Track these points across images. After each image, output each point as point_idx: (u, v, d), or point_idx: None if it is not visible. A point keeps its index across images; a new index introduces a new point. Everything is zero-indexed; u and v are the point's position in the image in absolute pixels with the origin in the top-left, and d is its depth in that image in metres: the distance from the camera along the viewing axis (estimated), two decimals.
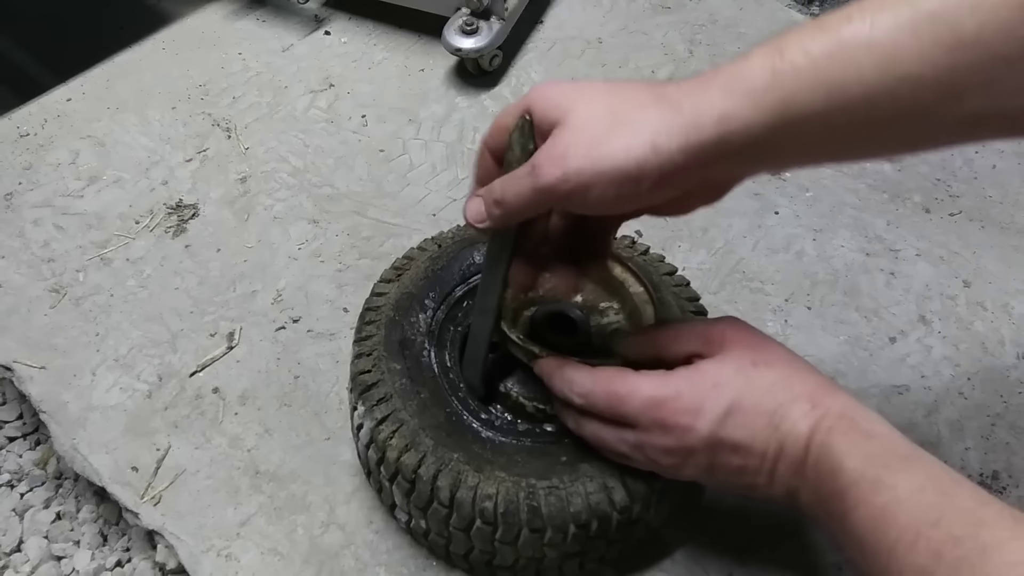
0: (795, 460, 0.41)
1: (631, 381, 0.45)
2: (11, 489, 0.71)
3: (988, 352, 0.71)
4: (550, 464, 0.51)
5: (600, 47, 0.99)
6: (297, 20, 1.02)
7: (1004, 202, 0.84)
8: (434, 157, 0.86)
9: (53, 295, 0.73)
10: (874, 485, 0.37)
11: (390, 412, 0.53)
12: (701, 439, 0.43)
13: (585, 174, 0.39)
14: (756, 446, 0.42)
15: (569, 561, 0.53)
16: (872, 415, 0.41)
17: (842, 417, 0.41)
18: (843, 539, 0.39)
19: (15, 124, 0.88)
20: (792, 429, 0.41)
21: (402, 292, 0.60)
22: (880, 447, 0.39)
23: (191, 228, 0.79)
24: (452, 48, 0.89)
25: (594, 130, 0.39)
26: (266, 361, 0.69)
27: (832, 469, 0.39)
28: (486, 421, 0.54)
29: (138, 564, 0.66)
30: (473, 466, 0.50)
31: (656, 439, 0.45)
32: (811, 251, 0.79)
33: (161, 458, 0.63)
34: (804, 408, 0.42)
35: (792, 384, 0.43)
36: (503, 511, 0.49)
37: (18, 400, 0.76)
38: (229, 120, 0.89)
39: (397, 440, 0.51)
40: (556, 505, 0.49)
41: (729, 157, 0.38)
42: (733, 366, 0.44)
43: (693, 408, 0.43)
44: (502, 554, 0.51)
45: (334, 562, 0.58)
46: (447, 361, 0.58)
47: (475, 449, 0.52)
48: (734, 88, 0.37)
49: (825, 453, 0.40)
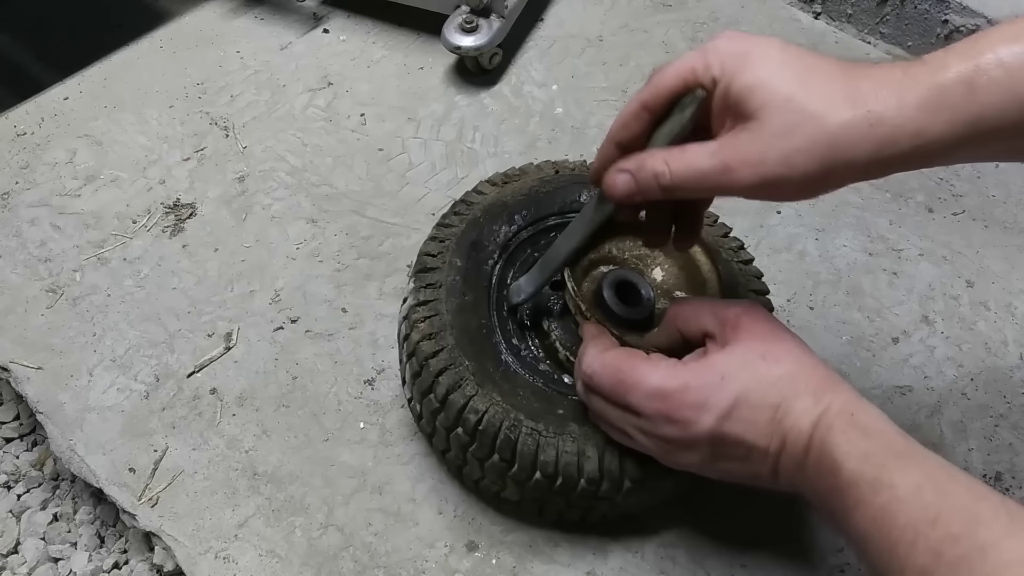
0: (796, 457, 0.42)
1: (639, 369, 0.46)
2: (8, 490, 0.71)
3: (991, 352, 0.71)
4: (546, 410, 0.52)
5: (601, 45, 0.99)
6: (295, 18, 1.01)
7: (1007, 202, 0.83)
8: (433, 156, 0.86)
9: (50, 295, 0.73)
10: (873, 485, 0.37)
11: (431, 299, 0.56)
12: (704, 432, 0.43)
13: (779, 182, 0.39)
14: (759, 440, 0.43)
15: (528, 502, 0.55)
16: (872, 410, 0.41)
17: (842, 413, 0.41)
18: (846, 536, 0.40)
19: (12, 123, 0.88)
20: (794, 425, 0.41)
21: (499, 199, 0.62)
22: (877, 445, 0.39)
23: (188, 228, 0.78)
24: (452, 46, 0.88)
25: (793, 139, 0.38)
26: (264, 362, 0.68)
27: (831, 468, 0.39)
28: (513, 346, 0.56)
29: (135, 566, 0.65)
30: (477, 379, 0.52)
31: (660, 428, 0.45)
32: (813, 251, 0.78)
33: (159, 459, 0.63)
34: (807, 404, 0.42)
35: (797, 380, 0.43)
36: (482, 429, 0.51)
37: (15, 401, 0.75)
38: (227, 119, 0.89)
39: (425, 326, 0.55)
40: (530, 447, 0.51)
41: (913, 164, 0.38)
42: (741, 359, 0.44)
43: (698, 402, 0.43)
44: (471, 466, 0.55)
45: (332, 564, 0.57)
46: (507, 278, 0.59)
47: (488, 365, 0.54)
48: (931, 102, 0.37)
49: (825, 451, 0.40)
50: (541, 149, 0.86)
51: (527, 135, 0.88)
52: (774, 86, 0.39)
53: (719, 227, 0.65)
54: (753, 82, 0.39)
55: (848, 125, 0.37)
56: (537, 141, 0.87)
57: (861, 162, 0.38)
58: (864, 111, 0.37)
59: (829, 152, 0.38)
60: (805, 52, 0.40)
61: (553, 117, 0.90)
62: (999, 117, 0.36)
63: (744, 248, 0.64)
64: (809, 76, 0.39)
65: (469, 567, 0.57)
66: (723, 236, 0.64)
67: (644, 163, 0.43)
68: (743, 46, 0.40)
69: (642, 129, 0.44)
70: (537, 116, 0.90)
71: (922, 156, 0.38)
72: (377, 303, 0.73)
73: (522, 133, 0.88)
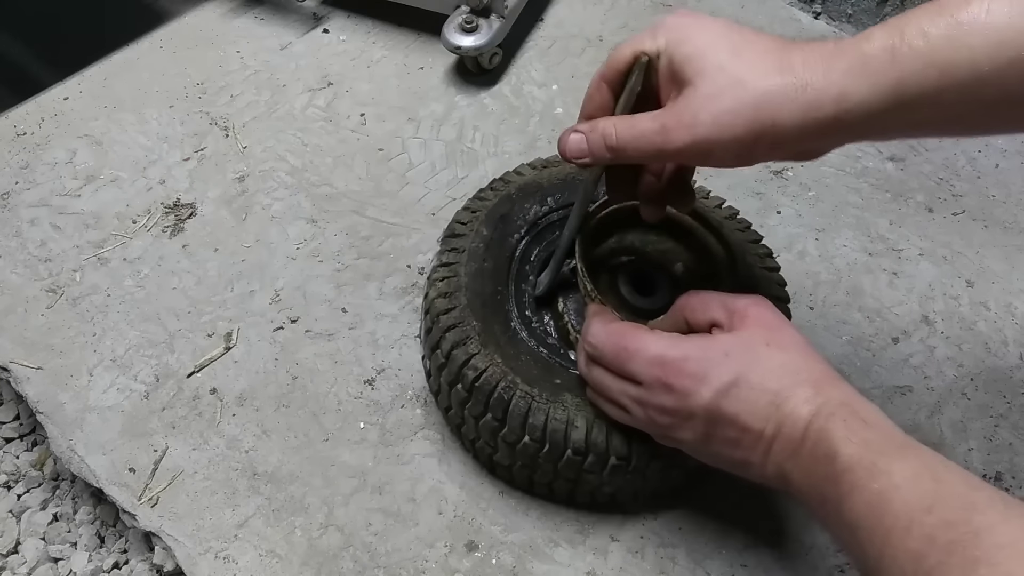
0: (791, 443, 0.42)
1: (641, 338, 0.47)
2: (8, 490, 0.71)
3: (991, 352, 0.71)
4: (543, 378, 0.54)
5: (601, 45, 0.99)
6: (295, 18, 1.01)
7: (1007, 201, 0.83)
8: (433, 156, 0.86)
9: (50, 295, 0.73)
10: (870, 471, 0.37)
11: (452, 262, 0.59)
12: (701, 405, 0.44)
13: (711, 142, 0.41)
14: (754, 423, 0.43)
15: (519, 469, 0.57)
16: (872, 406, 0.42)
17: (843, 405, 0.41)
18: (835, 525, 0.40)
19: (12, 123, 0.88)
20: (792, 412, 0.42)
21: (535, 180, 0.64)
22: (878, 435, 0.39)
23: (188, 228, 0.78)
24: (452, 46, 0.88)
25: (723, 100, 0.41)
26: (264, 362, 0.68)
27: (828, 454, 0.39)
28: (525, 317, 0.58)
29: (135, 566, 0.65)
30: (481, 340, 0.55)
31: (657, 397, 0.46)
32: (813, 251, 0.78)
33: (159, 459, 0.63)
34: (807, 393, 0.42)
35: (799, 369, 0.43)
36: (478, 386, 0.54)
37: (15, 401, 0.75)
38: (227, 119, 0.89)
39: (442, 285, 0.58)
40: (520, 408, 0.53)
41: (842, 132, 0.41)
42: (746, 342, 0.45)
43: (698, 373, 0.44)
44: (468, 425, 0.57)
45: (332, 564, 0.57)
46: (531, 254, 0.61)
47: (495, 329, 0.56)
48: (855, 68, 0.39)
49: (823, 438, 0.40)
50: (541, 149, 0.86)
51: (527, 135, 0.88)
52: (709, 55, 0.42)
53: (751, 233, 0.65)
54: (691, 52, 0.42)
55: (775, 88, 0.40)
56: (537, 141, 0.87)
57: (788, 126, 0.40)
58: (792, 78, 0.40)
59: (755, 114, 0.40)
60: (747, 30, 0.43)
61: (553, 117, 0.90)
62: (919, 83, 0.38)
63: (772, 256, 0.64)
64: (744, 48, 0.42)
65: (469, 567, 0.57)
66: (752, 242, 0.64)
67: (596, 125, 0.46)
68: (687, 20, 0.44)
69: (603, 101, 0.47)
70: (537, 116, 0.90)
71: (851, 123, 0.40)
72: (377, 303, 0.73)
73: (522, 133, 0.88)
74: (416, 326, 0.71)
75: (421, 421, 0.65)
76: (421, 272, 0.75)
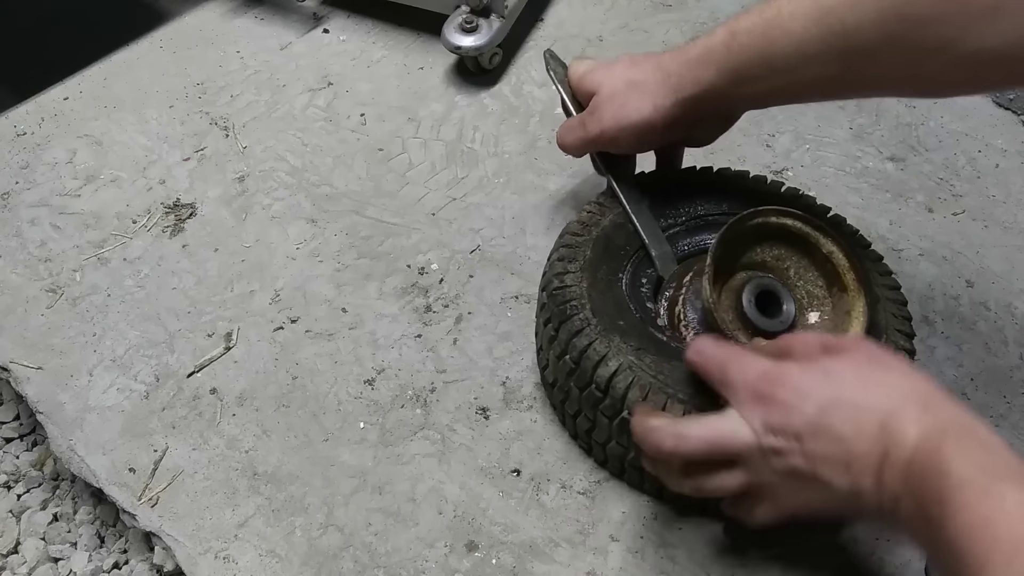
0: (901, 465, 0.40)
1: (747, 356, 0.47)
2: (8, 490, 0.71)
3: (991, 352, 0.71)
4: (640, 345, 0.55)
5: (601, 45, 0.99)
6: (295, 18, 1.01)
7: (1007, 201, 0.83)
8: (433, 156, 0.86)
9: (50, 295, 0.73)
10: (982, 493, 0.36)
11: (577, 233, 0.62)
12: (805, 420, 0.42)
13: (614, 130, 0.59)
14: (860, 443, 0.41)
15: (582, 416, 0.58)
16: (987, 428, 0.40)
17: (955, 423, 0.40)
18: (936, 547, 0.37)
19: (12, 123, 0.88)
20: (901, 430, 0.40)
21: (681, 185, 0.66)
22: (996, 459, 0.38)
23: (188, 228, 0.78)
24: (452, 46, 0.88)
25: (617, 99, 0.58)
26: (264, 362, 0.68)
27: (940, 472, 0.37)
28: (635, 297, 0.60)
29: (135, 566, 0.65)
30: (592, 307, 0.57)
31: (758, 414, 0.44)
32: None
33: (159, 459, 0.63)
34: (916, 412, 0.40)
35: (905, 388, 0.42)
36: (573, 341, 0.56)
37: (15, 401, 0.75)
38: (227, 119, 0.89)
39: (564, 250, 0.61)
40: (593, 359, 0.54)
41: (706, 104, 0.56)
42: (847, 363, 0.44)
43: (800, 389, 0.43)
44: (554, 367, 0.60)
45: (332, 564, 0.57)
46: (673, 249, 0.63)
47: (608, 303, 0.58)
48: (702, 59, 0.54)
49: (935, 457, 0.38)
50: (541, 149, 0.86)
51: (527, 135, 0.88)
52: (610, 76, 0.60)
53: (883, 265, 0.63)
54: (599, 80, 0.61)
55: (652, 81, 0.57)
56: (537, 141, 0.87)
57: (666, 106, 0.56)
58: (662, 73, 0.57)
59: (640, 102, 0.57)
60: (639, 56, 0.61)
61: (553, 117, 0.90)
62: (750, 67, 0.52)
63: (900, 289, 0.61)
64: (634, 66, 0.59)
65: (469, 567, 0.57)
66: (882, 275, 0.62)
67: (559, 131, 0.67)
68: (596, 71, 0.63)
69: None
70: (537, 116, 0.90)
71: (709, 100, 0.55)
72: (377, 303, 0.73)
73: (522, 133, 0.88)
74: (416, 326, 0.71)
75: (421, 421, 0.65)
76: (421, 272, 0.75)
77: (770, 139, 0.88)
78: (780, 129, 0.89)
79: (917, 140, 0.89)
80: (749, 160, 0.85)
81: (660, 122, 0.57)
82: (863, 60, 0.47)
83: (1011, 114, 0.91)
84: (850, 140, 0.88)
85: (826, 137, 0.88)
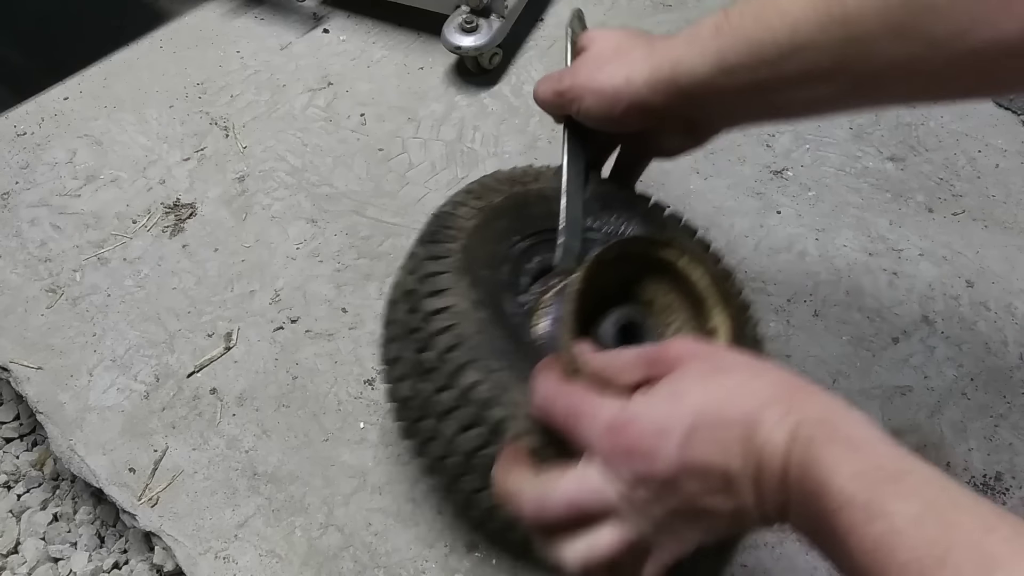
0: (776, 475, 0.36)
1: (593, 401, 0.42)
2: (8, 490, 0.71)
3: (991, 352, 0.71)
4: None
5: None
6: (296, 18, 1.01)
7: (1007, 201, 0.83)
8: (433, 156, 0.86)
9: (50, 295, 0.73)
10: (867, 511, 0.33)
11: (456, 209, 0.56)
12: (671, 463, 0.38)
13: (581, 88, 0.54)
14: (732, 464, 0.37)
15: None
16: (855, 416, 0.37)
17: (821, 423, 0.36)
18: (840, 564, 0.35)
19: (12, 123, 0.88)
20: (768, 439, 0.36)
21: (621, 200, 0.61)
22: (868, 462, 0.35)
23: (188, 228, 0.78)
24: (452, 46, 0.88)
25: (599, 61, 0.54)
26: (264, 362, 0.68)
27: (817, 489, 0.35)
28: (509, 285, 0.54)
29: (135, 566, 0.65)
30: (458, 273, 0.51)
31: (623, 469, 0.39)
32: (813, 251, 0.78)
33: (159, 459, 0.63)
34: (776, 413, 0.37)
35: (759, 388, 0.38)
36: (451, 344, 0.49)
37: (15, 401, 0.75)
38: (227, 119, 0.89)
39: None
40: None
41: (681, 95, 0.49)
42: (691, 376, 0.40)
43: (655, 428, 0.38)
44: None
45: (332, 564, 0.57)
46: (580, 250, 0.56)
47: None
48: (688, 40, 0.49)
49: (808, 468, 0.35)
50: (541, 149, 0.86)
51: (527, 135, 0.88)
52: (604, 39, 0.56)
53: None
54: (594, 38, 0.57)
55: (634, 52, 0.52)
56: (537, 141, 0.87)
57: (638, 83, 0.51)
58: (647, 48, 0.52)
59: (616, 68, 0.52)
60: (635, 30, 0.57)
61: None
62: (736, 54, 0.46)
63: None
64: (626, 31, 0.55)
65: (469, 567, 0.57)
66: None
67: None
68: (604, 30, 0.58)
69: None
70: (537, 116, 0.90)
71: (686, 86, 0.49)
72: (377, 303, 0.73)
73: (522, 133, 0.88)
74: None
75: None
76: None
77: (770, 139, 0.88)
78: (780, 129, 0.89)
79: (917, 140, 0.89)
80: (749, 160, 0.85)
81: (627, 97, 0.52)
82: (860, 52, 0.43)
83: (1011, 114, 0.91)
84: (850, 140, 0.88)
85: (826, 137, 0.88)
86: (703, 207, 0.81)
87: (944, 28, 0.40)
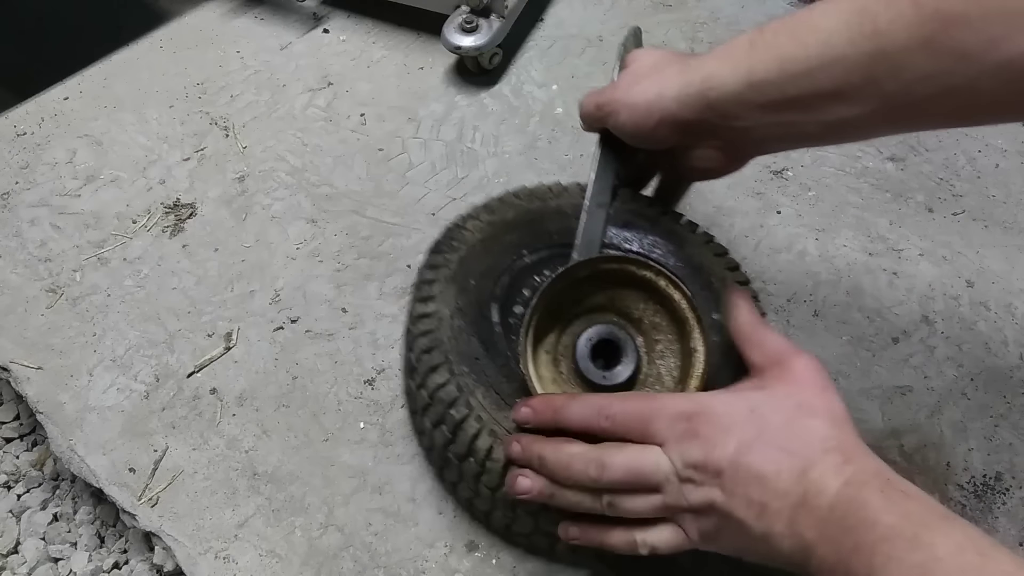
0: (817, 512, 0.39)
1: (659, 398, 0.46)
2: (8, 490, 0.71)
3: (991, 352, 0.71)
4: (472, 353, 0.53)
5: (601, 45, 0.99)
6: (295, 18, 1.01)
7: (1007, 201, 0.83)
8: (433, 156, 0.86)
9: (50, 295, 0.73)
10: (911, 542, 0.35)
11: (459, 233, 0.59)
12: (726, 457, 0.42)
13: (618, 102, 0.55)
14: (779, 484, 0.41)
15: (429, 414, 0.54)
16: (907, 481, 0.40)
17: (878, 475, 0.40)
18: None
19: (12, 123, 0.88)
20: (819, 479, 0.40)
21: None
22: (919, 507, 0.38)
23: (189, 228, 0.78)
24: (452, 46, 0.88)
25: (636, 76, 0.55)
26: (264, 362, 0.68)
27: (862, 523, 0.37)
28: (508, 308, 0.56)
29: (135, 566, 0.65)
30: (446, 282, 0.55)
31: (684, 451, 0.43)
32: (813, 251, 0.78)
33: (159, 459, 0.63)
34: (836, 461, 0.40)
35: (828, 437, 0.42)
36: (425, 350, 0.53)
37: (15, 401, 0.75)
38: (227, 119, 0.89)
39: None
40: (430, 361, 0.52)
41: (710, 108, 0.50)
42: (776, 402, 0.44)
43: (724, 425, 0.43)
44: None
45: (332, 564, 0.57)
46: None
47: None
48: (721, 54, 0.49)
49: (856, 507, 0.38)
50: (541, 149, 0.86)
51: (527, 135, 0.88)
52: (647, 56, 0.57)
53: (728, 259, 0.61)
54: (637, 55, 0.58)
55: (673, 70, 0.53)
56: (537, 141, 0.87)
57: (669, 98, 0.51)
58: (681, 64, 0.52)
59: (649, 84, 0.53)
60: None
61: (553, 117, 0.90)
62: (766, 69, 0.46)
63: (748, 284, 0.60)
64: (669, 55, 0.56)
65: (469, 567, 0.57)
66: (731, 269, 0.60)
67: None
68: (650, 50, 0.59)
69: None
70: (537, 116, 0.90)
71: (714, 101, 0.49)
72: (377, 303, 0.73)
73: (522, 133, 0.88)
74: None
75: None
76: None
77: None
78: None
79: (917, 140, 0.89)
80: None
81: (658, 111, 0.53)
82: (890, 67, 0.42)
83: None
84: None
85: None
86: (703, 207, 0.81)
87: (975, 40, 0.39)
